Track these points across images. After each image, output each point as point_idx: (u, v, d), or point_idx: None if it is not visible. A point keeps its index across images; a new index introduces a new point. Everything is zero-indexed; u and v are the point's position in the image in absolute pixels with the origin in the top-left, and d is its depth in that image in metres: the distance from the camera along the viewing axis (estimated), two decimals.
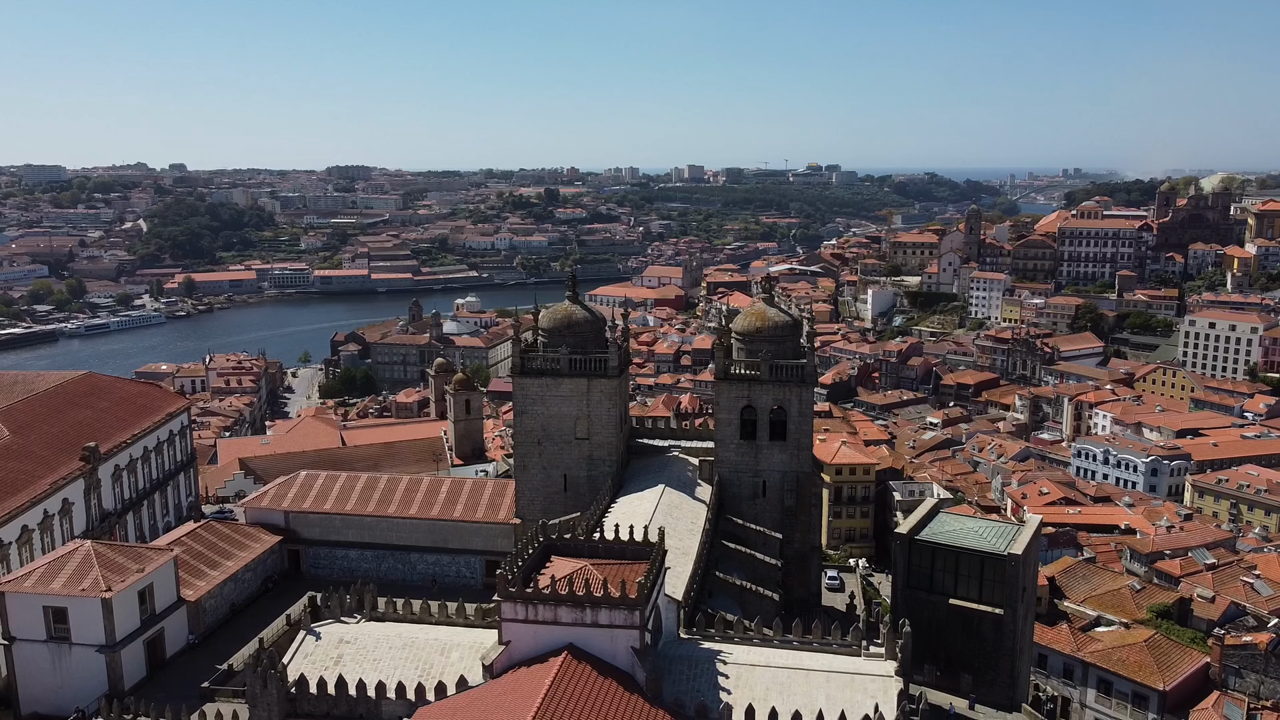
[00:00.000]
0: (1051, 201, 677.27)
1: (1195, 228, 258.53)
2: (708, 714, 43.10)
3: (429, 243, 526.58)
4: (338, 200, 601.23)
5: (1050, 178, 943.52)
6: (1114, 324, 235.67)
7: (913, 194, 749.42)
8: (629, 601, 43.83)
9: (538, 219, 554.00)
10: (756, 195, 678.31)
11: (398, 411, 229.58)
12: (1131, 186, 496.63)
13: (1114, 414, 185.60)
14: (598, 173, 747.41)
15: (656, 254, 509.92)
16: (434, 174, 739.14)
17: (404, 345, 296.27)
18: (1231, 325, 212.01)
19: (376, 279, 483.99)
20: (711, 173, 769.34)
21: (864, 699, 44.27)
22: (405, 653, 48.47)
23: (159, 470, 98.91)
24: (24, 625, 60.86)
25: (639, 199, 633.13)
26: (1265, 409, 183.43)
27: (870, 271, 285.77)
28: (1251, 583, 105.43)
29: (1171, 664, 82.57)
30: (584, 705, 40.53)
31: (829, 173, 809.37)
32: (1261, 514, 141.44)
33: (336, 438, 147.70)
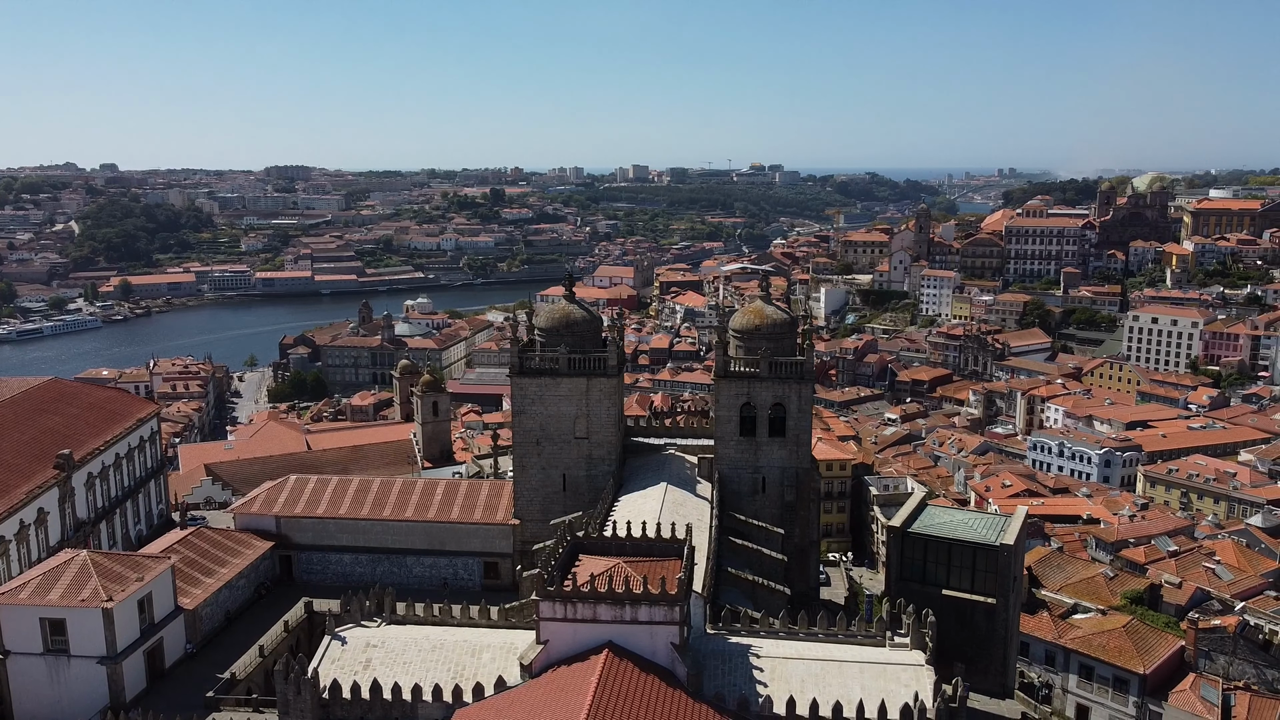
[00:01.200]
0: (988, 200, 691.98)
1: (1135, 226, 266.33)
2: (749, 707, 43.56)
3: (373, 244, 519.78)
4: (278, 201, 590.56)
5: (986, 177, 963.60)
6: (1060, 320, 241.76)
7: (854, 193, 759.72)
8: (669, 598, 44.10)
9: (483, 219, 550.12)
10: (701, 195, 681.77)
11: (353, 415, 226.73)
12: (1066, 186, 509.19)
13: (1065, 408, 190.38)
14: (542, 173, 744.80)
15: (604, 254, 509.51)
16: (375, 174, 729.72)
17: (355, 348, 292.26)
18: (1173, 320, 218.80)
19: (320, 281, 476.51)
20: (656, 173, 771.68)
21: (898, 689, 45.10)
22: (435, 655, 48.12)
23: (130, 477, 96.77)
24: (19, 638, 59.14)
25: (584, 199, 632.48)
26: (1208, 401, 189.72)
27: (822, 270, 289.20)
28: (1213, 568, 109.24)
29: (1149, 648, 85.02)
30: (631, 702, 40.69)
31: (772, 173, 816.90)
32: (1210, 502, 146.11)
33: (301, 442, 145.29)
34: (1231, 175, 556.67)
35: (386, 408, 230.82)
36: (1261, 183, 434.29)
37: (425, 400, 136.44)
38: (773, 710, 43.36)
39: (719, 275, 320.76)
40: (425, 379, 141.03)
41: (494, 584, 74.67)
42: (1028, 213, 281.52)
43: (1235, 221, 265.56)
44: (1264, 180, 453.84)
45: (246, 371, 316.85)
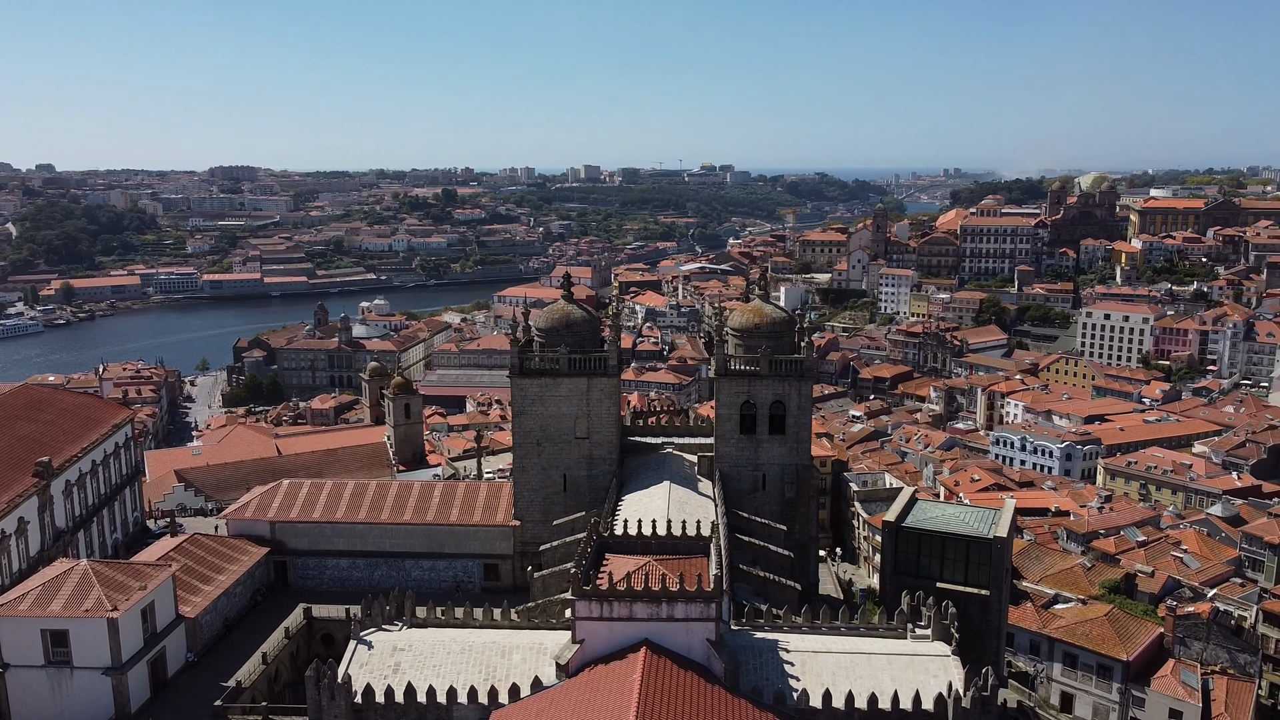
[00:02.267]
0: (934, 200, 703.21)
1: (1085, 225, 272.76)
2: (785, 701, 44.09)
3: (323, 245, 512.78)
4: (224, 202, 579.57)
5: (932, 177, 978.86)
6: (1015, 317, 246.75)
7: (804, 193, 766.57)
8: (705, 594, 44.48)
9: (435, 220, 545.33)
10: (653, 195, 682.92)
11: (313, 419, 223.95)
12: (1012, 186, 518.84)
13: (1025, 403, 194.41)
14: (493, 173, 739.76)
15: (558, 254, 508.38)
16: (323, 174, 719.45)
17: (312, 350, 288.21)
18: (1125, 316, 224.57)
19: (270, 283, 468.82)
20: (608, 173, 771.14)
21: (927, 679, 45.97)
22: (465, 657, 47.93)
23: (106, 485, 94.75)
24: (19, 651, 57.76)
25: (537, 199, 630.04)
26: (1161, 394, 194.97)
27: (781, 269, 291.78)
28: (1181, 557, 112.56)
29: (1130, 636, 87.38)
30: (675, 699, 40.98)
31: (723, 173, 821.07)
32: (1169, 493, 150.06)
33: (271, 446, 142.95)
34: (1168, 175, 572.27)
35: (348, 410, 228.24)
36: (1198, 182, 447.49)
37: (397, 403, 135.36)
38: (809, 703, 43.94)
39: (678, 275, 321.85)
40: (397, 381, 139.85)
41: (494, 586, 74.43)
42: (982, 212, 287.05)
43: (1180, 220, 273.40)
44: (1200, 180, 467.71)
45: (199, 376, 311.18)
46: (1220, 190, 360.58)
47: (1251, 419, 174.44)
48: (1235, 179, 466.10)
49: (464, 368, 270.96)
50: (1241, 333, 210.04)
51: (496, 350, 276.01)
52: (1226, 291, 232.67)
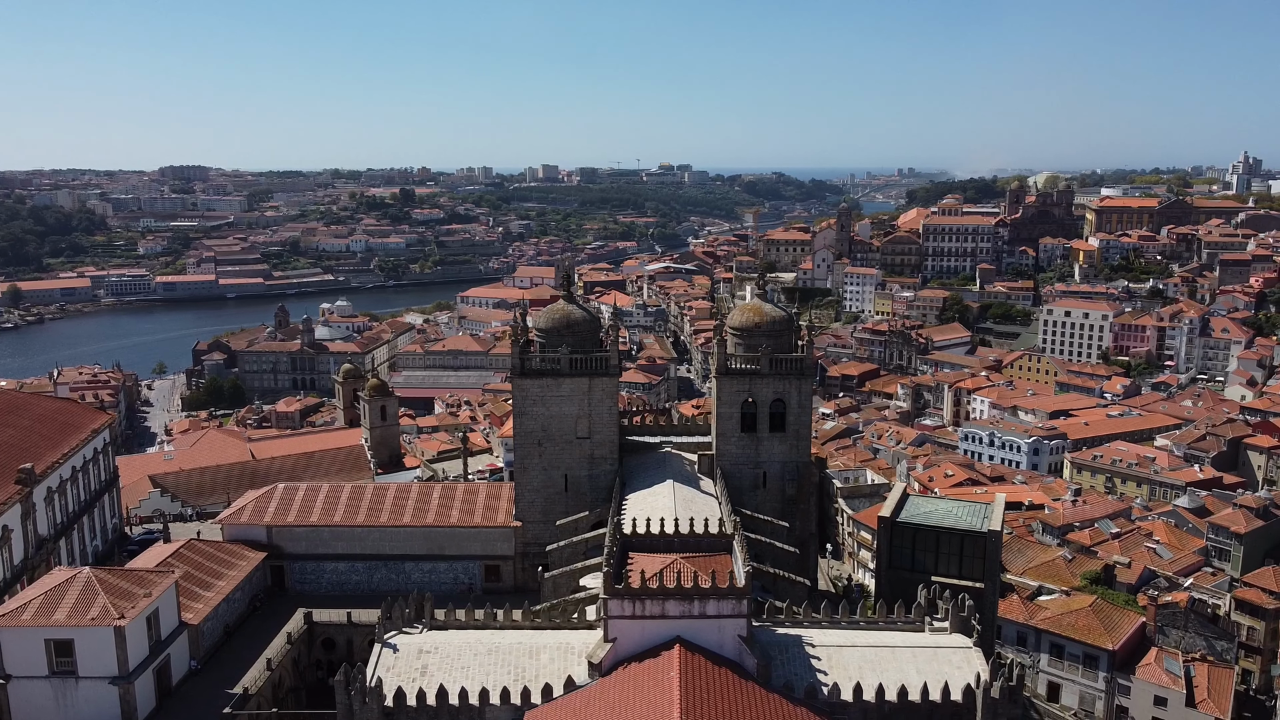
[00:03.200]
0: (890, 199, 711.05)
1: (1043, 223, 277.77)
2: (816, 695, 44.61)
3: (279, 245, 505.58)
4: (176, 202, 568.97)
5: (887, 177, 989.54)
6: (978, 314, 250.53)
7: (762, 193, 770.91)
8: (737, 591, 44.87)
9: (394, 220, 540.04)
10: (612, 195, 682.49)
11: (278, 422, 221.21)
12: (967, 185, 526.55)
13: (991, 399, 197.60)
14: (451, 173, 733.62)
15: (518, 254, 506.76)
16: (276, 174, 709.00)
17: (273, 353, 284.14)
18: (1085, 313, 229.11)
19: (225, 284, 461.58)
20: (566, 172, 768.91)
21: (952, 671, 46.77)
22: (492, 658, 47.84)
23: (86, 491, 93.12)
24: (21, 661, 56.60)
25: (495, 199, 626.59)
26: (1122, 390, 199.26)
27: (745, 269, 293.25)
28: (1154, 548, 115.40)
29: (1114, 625, 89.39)
30: (714, 695, 41.32)
31: (681, 172, 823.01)
32: (1134, 486, 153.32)
33: (245, 450, 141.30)
34: (1116, 175, 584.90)
35: (314, 413, 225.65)
36: (1146, 181, 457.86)
37: (373, 404, 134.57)
38: (840, 697, 44.52)
39: (642, 275, 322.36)
40: (372, 383, 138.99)
41: (495, 587, 74.27)
42: (943, 211, 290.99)
43: (1135, 219, 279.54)
44: (1148, 180, 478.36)
45: (156, 379, 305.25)
46: (1169, 189, 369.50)
47: (1210, 413, 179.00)
48: (1181, 178, 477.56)
49: (430, 369, 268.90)
50: (1197, 329, 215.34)
51: (463, 351, 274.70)
52: (1181, 289, 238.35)
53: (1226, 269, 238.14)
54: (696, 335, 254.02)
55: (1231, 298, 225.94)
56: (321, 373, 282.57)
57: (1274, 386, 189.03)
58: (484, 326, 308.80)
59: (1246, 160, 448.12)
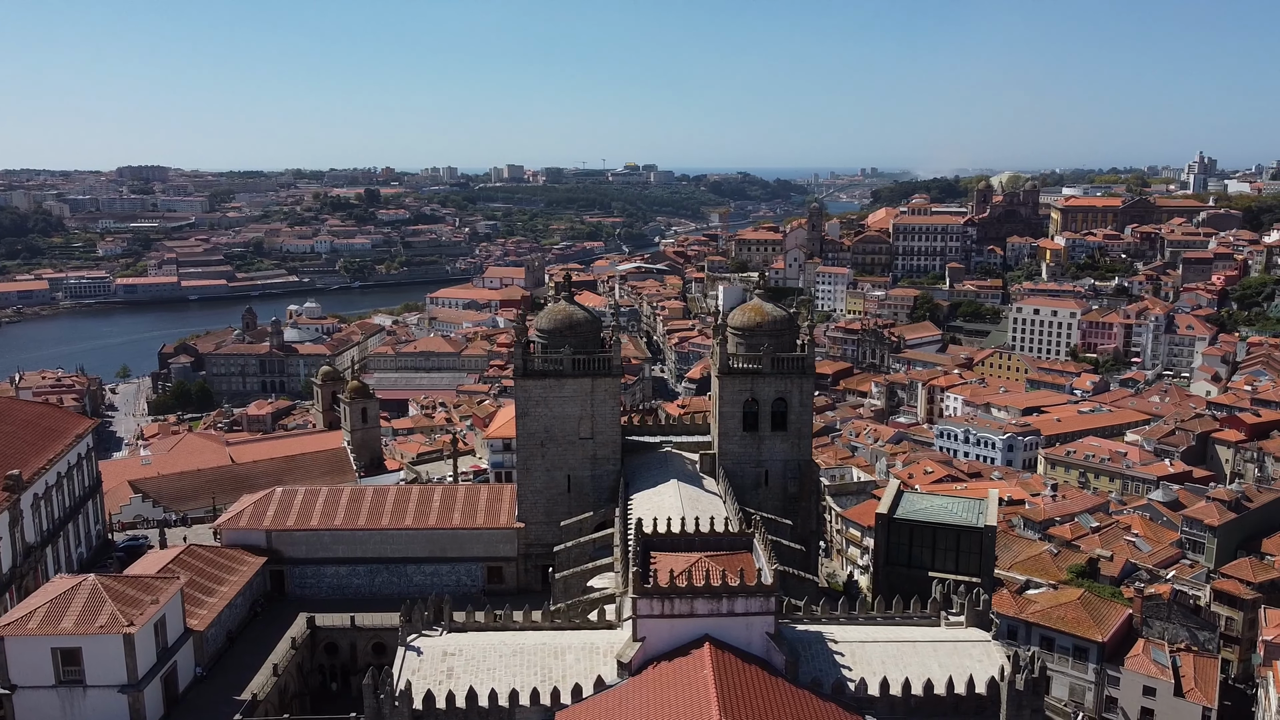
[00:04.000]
0: (854, 199, 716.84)
1: (1010, 222, 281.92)
2: (844, 690, 45.12)
3: (242, 247, 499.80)
4: (135, 203, 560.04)
5: (851, 177, 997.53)
6: (948, 313, 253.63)
7: (727, 193, 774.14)
8: (765, 589, 45.26)
9: (359, 220, 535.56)
10: (578, 195, 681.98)
11: (249, 425, 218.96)
12: (930, 185, 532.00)
13: (964, 396, 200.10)
14: (415, 173, 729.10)
15: (485, 255, 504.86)
16: (237, 174, 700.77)
17: (242, 355, 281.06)
18: (1053, 311, 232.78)
19: (187, 286, 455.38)
20: (531, 172, 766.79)
21: (973, 664, 47.49)
22: (518, 659, 47.81)
23: (70, 498, 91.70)
24: (27, 671, 55.72)
25: (461, 199, 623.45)
26: (1091, 386, 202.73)
27: (717, 268, 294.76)
28: (1133, 541, 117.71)
29: (1102, 618, 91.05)
30: (747, 692, 41.67)
31: (646, 172, 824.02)
32: (1107, 480, 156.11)
33: (224, 454, 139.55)
34: (1074, 174, 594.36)
35: (285, 416, 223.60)
36: (1105, 181, 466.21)
37: (354, 407, 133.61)
38: (867, 692, 45.04)
39: (614, 275, 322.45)
40: (353, 385, 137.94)
41: (498, 589, 74.10)
42: (912, 211, 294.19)
43: (1099, 218, 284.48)
44: (1107, 179, 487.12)
45: (120, 383, 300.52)
46: (1129, 189, 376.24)
47: (1177, 408, 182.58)
48: (1139, 178, 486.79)
49: (402, 370, 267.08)
50: (1163, 326, 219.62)
51: (435, 353, 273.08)
52: (1146, 286, 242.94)
53: (1189, 267, 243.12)
54: (670, 335, 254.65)
55: (1195, 295, 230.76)
56: (291, 375, 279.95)
57: (1238, 382, 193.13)
58: (455, 327, 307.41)
59: (1202, 160, 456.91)
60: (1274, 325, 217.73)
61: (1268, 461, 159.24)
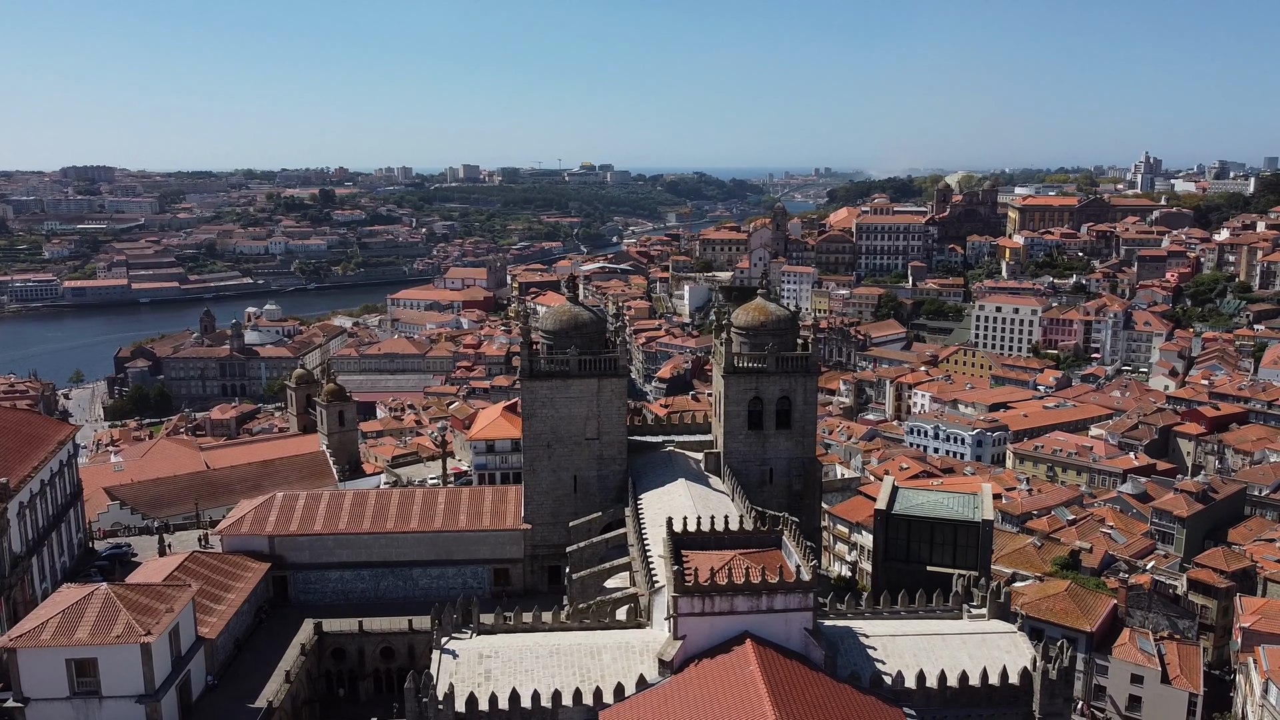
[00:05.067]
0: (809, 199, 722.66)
1: (969, 221, 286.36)
2: (881, 683, 45.84)
3: (194, 248, 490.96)
4: (81, 204, 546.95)
5: (805, 176, 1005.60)
6: (912, 311, 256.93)
7: (684, 193, 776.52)
8: (803, 585, 45.81)
9: (314, 221, 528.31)
10: (535, 195, 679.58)
11: (213, 429, 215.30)
12: (885, 185, 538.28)
13: (931, 393, 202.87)
14: (369, 173, 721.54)
15: (443, 255, 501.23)
16: (186, 175, 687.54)
17: (201, 359, 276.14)
18: (1015, 309, 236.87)
19: (138, 289, 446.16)
20: (487, 172, 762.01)
21: (1003, 655, 48.52)
22: (554, 660, 47.87)
23: (54, 506, 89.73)
24: (40, 683, 54.64)
25: (417, 199, 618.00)
26: (1054, 381, 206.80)
27: (682, 268, 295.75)
28: (1109, 533, 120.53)
29: (1089, 608, 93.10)
30: (795, 687, 42.17)
31: (603, 172, 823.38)
32: (1074, 474, 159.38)
33: (198, 460, 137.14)
34: (1023, 174, 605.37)
35: (250, 420, 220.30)
36: (1055, 180, 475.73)
37: (330, 410, 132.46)
38: (904, 684, 45.81)
39: (578, 275, 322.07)
40: (329, 388, 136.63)
41: (504, 591, 73.91)
42: (875, 210, 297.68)
43: (1056, 217, 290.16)
44: (1057, 179, 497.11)
45: (74, 388, 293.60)
46: (1079, 188, 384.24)
47: (1138, 402, 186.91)
48: (1088, 177, 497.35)
49: (366, 373, 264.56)
50: (1121, 322, 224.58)
51: (399, 354, 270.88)
52: (1103, 284, 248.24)
53: (1144, 264, 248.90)
54: (637, 335, 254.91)
55: (1150, 292, 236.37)
56: (253, 379, 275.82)
57: (1195, 377, 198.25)
58: (418, 329, 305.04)
59: (1148, 160, 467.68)
60: (1226, 321, 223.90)
61: (1228, 454, 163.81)
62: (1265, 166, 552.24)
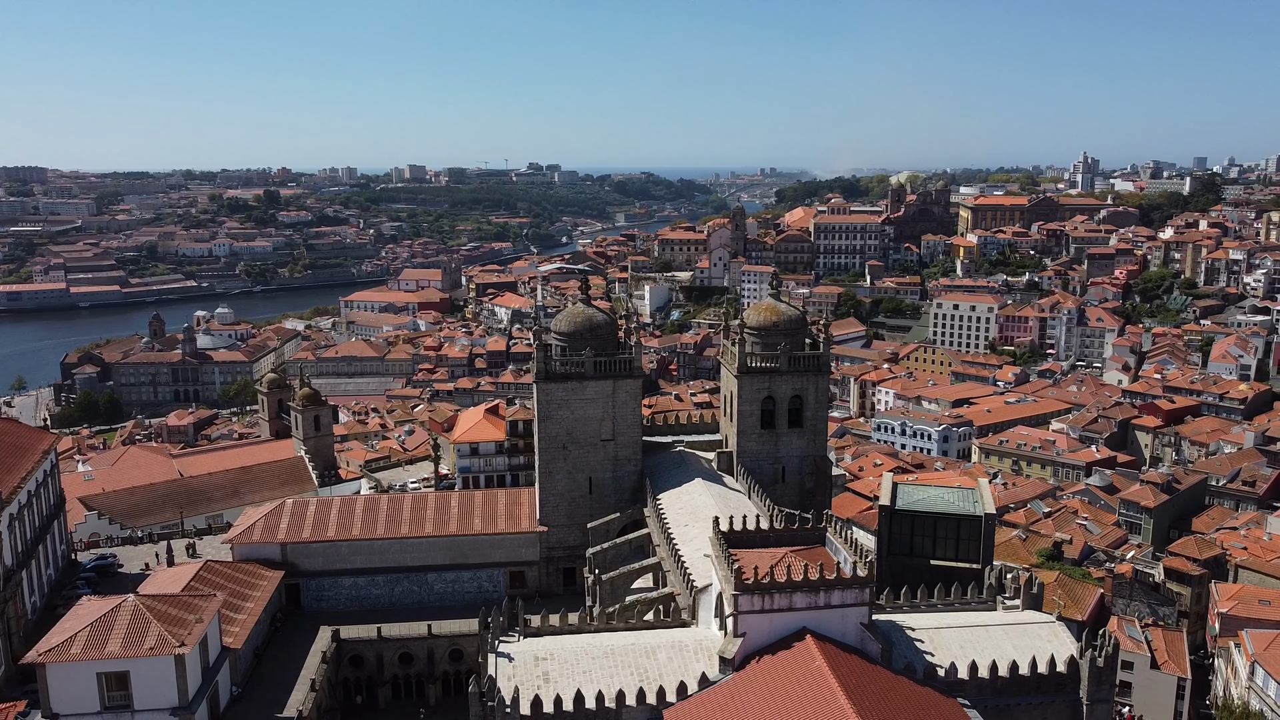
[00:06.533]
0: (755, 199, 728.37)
1: (924, 221, 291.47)
2: (935, 675, 46.85)
3: (135, 251, 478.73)
4: (14, 205, 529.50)
5: (751, 176, 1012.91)
6: (870, 309, 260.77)
7: (632, 192, 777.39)
8: (860, 580, 46.63)
9: (258, 223, 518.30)
10: (482, 195, 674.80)
11: (169, 436, 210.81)
12: (833, 185, 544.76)
13: (895, 390, 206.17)
14: (313, 173, 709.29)
15: (392, 256, 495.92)
16: (122, 175, 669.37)
17: (153, 364, 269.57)
18: (971, 306, 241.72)
19: (77, 293, 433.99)
20: (434, 173, 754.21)
21: (1046, 645, 49.89)
22: (609, 660, 48.06)
23: (39, 517, 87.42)
24: (70, 698, 53.46)
25: (363, 200, 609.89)
26: (1013, 377, 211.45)
27: (641, 268, 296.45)
28: (1084, 524, 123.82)
29: (1078, 598, 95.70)
30: (860, 681, 42.92)
31: (550, 172, 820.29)
32: (1038, 468, 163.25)
33: (170, 467, 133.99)
34: (965, 174, 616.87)
35: (208, 426, 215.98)
36: (998, 180, 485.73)
37: (306, 414, 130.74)
38: (957, 675, 46.87)
39: (535, 275, 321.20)
40: (304, 392, 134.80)
41: (520, 593, 73.65)
42: (832, 210, 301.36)
43: (1008, 216, 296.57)
44: (999, 178, 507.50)
45: (16, 395, 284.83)
46: (1021, 187, 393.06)
47: (1095, 396, 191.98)
48: (1029, 176, 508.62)
49: (324, 376, 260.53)
50: (1074, 319, 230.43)
51: (358, 357, 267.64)
52: (1055, 281, 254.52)
53: (1094, 262, 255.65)
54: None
55: (1101, 289, 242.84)
56: (206, 384, 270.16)
57: (1148, 371, 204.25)
58: (375, 331, 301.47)
59: (1086, 160, 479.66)
60: (1174, 317, 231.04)
61: (1184, 445, 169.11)
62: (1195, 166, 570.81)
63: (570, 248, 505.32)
